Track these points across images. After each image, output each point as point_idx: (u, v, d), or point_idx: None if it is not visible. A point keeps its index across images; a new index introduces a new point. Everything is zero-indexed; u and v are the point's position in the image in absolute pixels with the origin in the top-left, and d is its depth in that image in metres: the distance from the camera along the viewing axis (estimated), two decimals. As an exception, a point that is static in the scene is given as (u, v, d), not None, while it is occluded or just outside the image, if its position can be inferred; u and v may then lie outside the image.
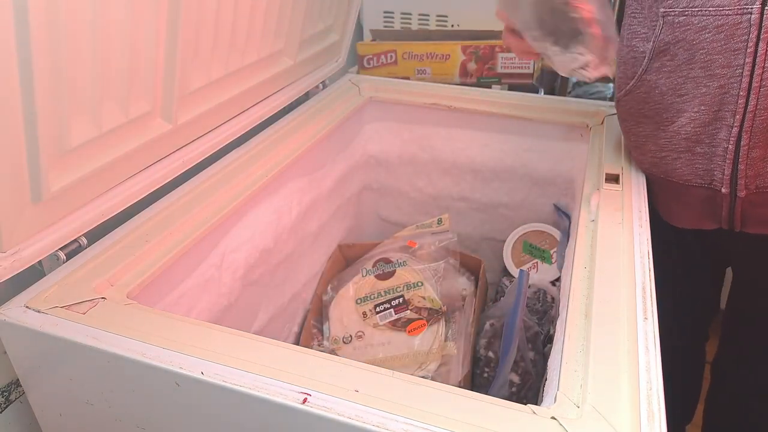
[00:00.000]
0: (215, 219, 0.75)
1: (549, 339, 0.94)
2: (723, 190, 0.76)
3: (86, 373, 0.57)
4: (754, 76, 0.68)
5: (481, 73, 1.27)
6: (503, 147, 1.12)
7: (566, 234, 1.03)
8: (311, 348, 0.87)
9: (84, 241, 0.67)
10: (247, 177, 0.84)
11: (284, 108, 1.02)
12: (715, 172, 0.75)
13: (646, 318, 0.59)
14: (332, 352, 0.97)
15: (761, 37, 0.67)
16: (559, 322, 0.65)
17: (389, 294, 1.01)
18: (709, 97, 0.72)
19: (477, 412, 0.48)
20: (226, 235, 0.79)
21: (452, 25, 1.33)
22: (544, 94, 1.33)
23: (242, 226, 0.82)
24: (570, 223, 1.03)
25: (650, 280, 0.63)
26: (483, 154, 1.14)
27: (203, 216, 0.75)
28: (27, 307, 0.58)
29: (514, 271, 1.08)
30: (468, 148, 1.14)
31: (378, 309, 0.99)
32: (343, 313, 1.01)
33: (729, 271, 0.99)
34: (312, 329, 1.05)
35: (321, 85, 1.14)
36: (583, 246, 0.69)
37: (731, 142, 0.72)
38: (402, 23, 1.36)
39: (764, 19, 0.66)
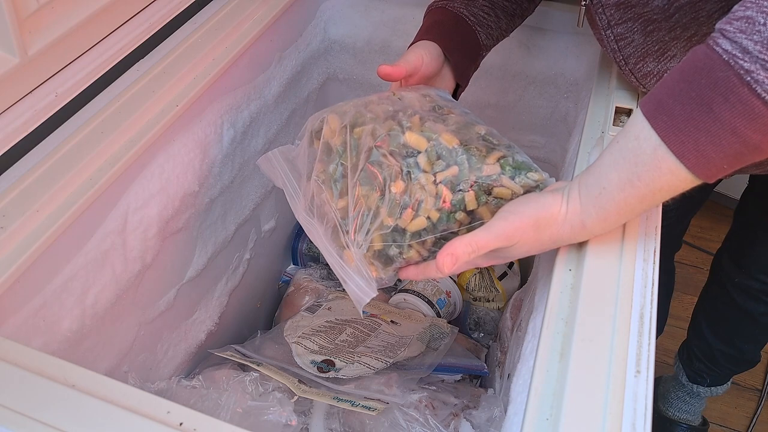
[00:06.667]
0: (105, 176, 0.58)
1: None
2: None
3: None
4: None
5: None
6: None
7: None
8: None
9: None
10: (147, 110, 0.64)
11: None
12: None
13: (642, 314, 0.49)
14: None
15: None
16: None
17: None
18: None
19: None
20: (126, 192, 0.62)
21: None
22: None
23: (148, 175, 0.64)
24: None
25: (653, 284, 0.50)
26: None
27: (87, 174, 0.57)
28: None
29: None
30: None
31: None
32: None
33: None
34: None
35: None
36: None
37: None
38: None
39: None
